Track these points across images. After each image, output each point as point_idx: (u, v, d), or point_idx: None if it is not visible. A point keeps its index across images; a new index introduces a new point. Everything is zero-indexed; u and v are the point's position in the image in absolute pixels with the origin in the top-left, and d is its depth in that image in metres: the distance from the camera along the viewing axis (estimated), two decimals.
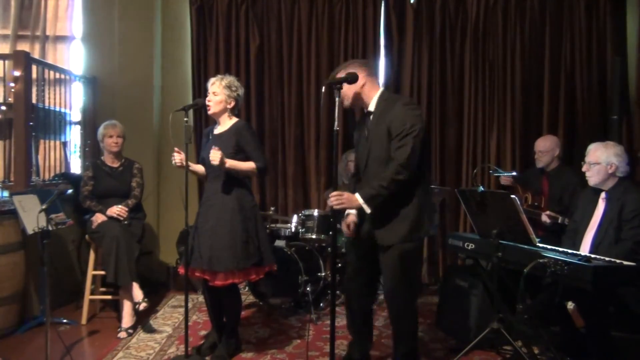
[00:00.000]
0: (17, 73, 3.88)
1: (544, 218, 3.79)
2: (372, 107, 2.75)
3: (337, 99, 2.49)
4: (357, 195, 2.57)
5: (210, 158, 2.89)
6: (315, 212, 4.17)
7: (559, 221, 3.72)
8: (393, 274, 2.69)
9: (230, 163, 2.97)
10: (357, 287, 2.92)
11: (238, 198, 3.06)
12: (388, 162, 2.61)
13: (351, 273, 2.96)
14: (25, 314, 3.79)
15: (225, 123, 3.16)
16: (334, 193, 2.52)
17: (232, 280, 2.99)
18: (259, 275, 3.13)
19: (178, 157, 3.02)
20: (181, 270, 3.11)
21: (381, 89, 2.80)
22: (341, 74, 2.67)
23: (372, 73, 2.80)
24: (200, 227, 3.07)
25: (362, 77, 2.69)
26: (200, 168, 3.25)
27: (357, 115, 4.43)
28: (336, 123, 2.47)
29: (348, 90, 2.71)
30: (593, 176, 3.09)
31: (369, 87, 2.75)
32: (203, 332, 3.60)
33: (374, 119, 2.74)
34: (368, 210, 2.58)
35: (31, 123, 3.97)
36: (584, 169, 3.14)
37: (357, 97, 2.76)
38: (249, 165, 3.05)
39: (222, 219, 3.02)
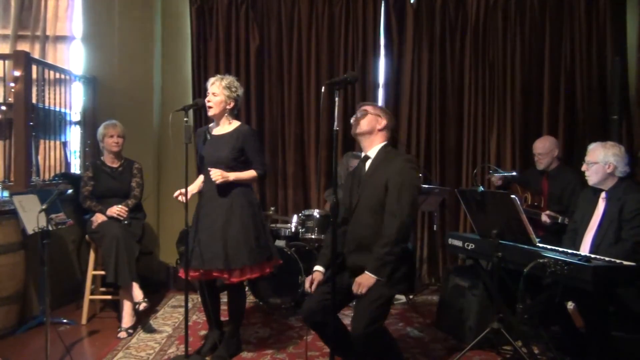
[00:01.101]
0: (17, 73, 3.88)
1: (544, 218, 3.79)
2: (371, 154, 2.74)
3: (336, 99, 2.49)
4: (367, 273, 2.53)
5: (212, 178, 2.95)
6: (315, 212, 4.17)
7: (559, 221, 3.72)
8: (364, 312, 2.53)
9: (233, 176, 3.01)
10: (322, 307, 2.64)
11: (245, 195, 3.10)
12: (380, 211, 2.60)
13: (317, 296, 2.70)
14: (25, 314, 3.78)
15: (225, 125, 3.15)
16: (357, 286, 2.52)
17: (249, 275, 3.05)
18: (271, 269, 3.19)
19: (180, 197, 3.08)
20: (182, 274, 3.09)
21: (386, 142, 2.77)
22: (366, 109, 2.74)
23: (391, 127, 2.81)
24: (208, 227, 3.04)
25: (384, 123, 2.72)
26: (199, 186, 3.26)
27: None
28: (336, 123, 2.48)
29: (369, 122, 2.71)
30: (592, 175, 3.09)
31: (382, 135, 2.75)
32: (203, 332, 3.60)
33: (371, 166, 2.72)
34: (383, 279, 2.53)
35: (31, 123, 3.97)
36: (583, 168, 3.14)
37: (368, 134, 2.74)
38: (250, 174, 3.10)
39: (233, 217, 3.03)
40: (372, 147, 2.75)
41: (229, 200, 3.05)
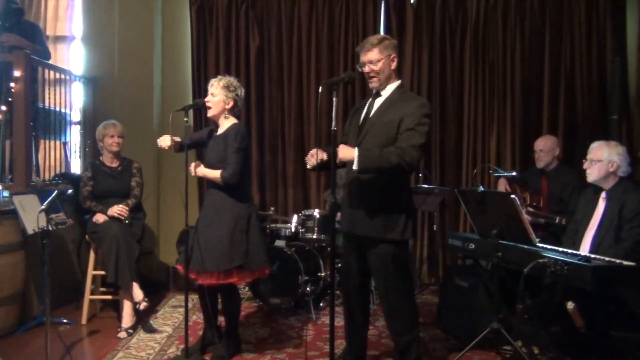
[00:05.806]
0: (17, 73, 3.88)
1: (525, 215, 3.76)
2: (385, 93, 2.71)
3: (334, 99, 2.49)
4: (355, 150, 2.51)
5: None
6: (315, 212, 4.16)
7: (556, 222, 3.71)
8: (384, 275, 2.71)
9: (200, 173, 3.04)
10: (353, 285, 2.90)
11: (231, 199, 3.03)
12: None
13: (346, 273, 2.95)
14: (25, 314, 3.78)
15: (223, 124, 3.15)
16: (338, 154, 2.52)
17: (209, 281, 2.98)
18: (242, 278, 3.08)
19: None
20: (178, 266, 3.14)
21: (400, 80, 2.77)
22: (374, 51, 2.66)
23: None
24: (198, 226, 3.07)
25: (396, 61, 2.70)
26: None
27: None
28: (334, 123, 2.48)
29: (385, 67, 2.66)
30: (593, 173, 3.08)
31: (395, 74, 2.74)
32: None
33: (384, 104, 2.69)
34: (355, 166, 2.48)
35: (31, 123, 3.97)
36: (585, 165, 3.13)
37: (386, 79, 2.69)
38: (214, 174, 3.01)
39: (213, 220, 3.03)
40: (387, 86, 2.71)
41: (214, 203, 3.05)
